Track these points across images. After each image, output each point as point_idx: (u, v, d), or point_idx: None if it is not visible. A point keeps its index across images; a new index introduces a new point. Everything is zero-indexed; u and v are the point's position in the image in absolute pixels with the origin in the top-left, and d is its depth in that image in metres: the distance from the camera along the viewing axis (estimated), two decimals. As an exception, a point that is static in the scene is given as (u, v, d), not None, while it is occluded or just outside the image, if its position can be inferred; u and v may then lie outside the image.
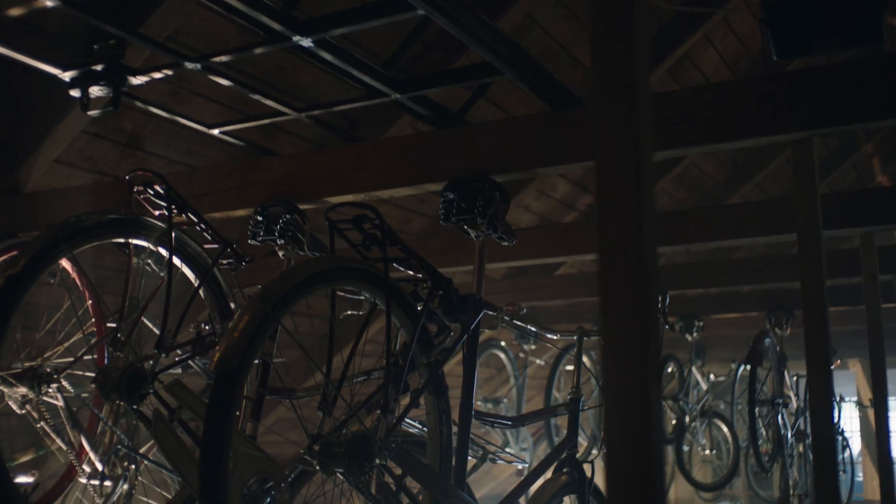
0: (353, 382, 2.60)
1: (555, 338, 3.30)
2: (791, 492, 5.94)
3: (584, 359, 6.92)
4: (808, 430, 6.07)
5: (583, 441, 7.33)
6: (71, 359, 2.77)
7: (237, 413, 1.91)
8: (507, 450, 6.93)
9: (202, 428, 2.34)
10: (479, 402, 6.85)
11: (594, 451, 7.30)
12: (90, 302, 3.06)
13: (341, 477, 2.19)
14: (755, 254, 7.08)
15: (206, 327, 2.80)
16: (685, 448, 7.34)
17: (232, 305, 2.82)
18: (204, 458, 1.83)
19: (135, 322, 2.73)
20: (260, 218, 2.97)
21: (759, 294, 6.69)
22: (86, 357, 2.79)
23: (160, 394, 2.50)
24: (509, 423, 2.88)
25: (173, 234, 2.56)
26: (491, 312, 3.02)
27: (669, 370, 7.20)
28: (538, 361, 7.42)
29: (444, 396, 2.44)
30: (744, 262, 6.12)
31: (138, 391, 2.45)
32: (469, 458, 3.03)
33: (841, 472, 7.35)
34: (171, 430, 2.29)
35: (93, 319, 3.07)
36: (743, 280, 5.74)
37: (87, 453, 2.91)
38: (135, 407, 2.49)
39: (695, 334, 6.98)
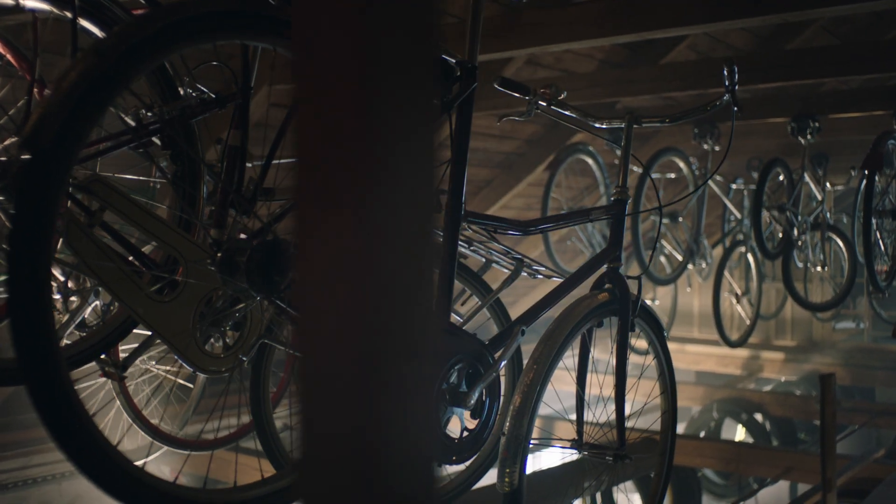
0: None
1: (601, 127, 2.64)
2: (912, 313, 5.22)
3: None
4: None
5: (678, 255, 6.71)
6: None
7: (59, 209, 1.39)
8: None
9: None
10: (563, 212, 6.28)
11: (691, 266, 6.69)
12: (36, 90, 2.60)
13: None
14: (881, 38, 6.05)
15: (149, 113, 2.29)
16: (798, 265, 6.60)
17: (180, 88, 2.29)
18: (12, 283, 1.32)
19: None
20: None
21: (886, 90, 5.74)
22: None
23: (72, 194, 2.05)
24: (518, 231, 2.28)
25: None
26: (512, 92, 2.42)
27: (780, 178, 6.38)
28: (634, 168, 6.72)
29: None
30: (864, 48, 5.14)
31: (41, 188, 2.00)
32: (502, 268, 2.50)
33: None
34: (91, 236, 1.85)
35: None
36: (859, 69, 4.77)
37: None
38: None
39: (809, 137, 6.05)
